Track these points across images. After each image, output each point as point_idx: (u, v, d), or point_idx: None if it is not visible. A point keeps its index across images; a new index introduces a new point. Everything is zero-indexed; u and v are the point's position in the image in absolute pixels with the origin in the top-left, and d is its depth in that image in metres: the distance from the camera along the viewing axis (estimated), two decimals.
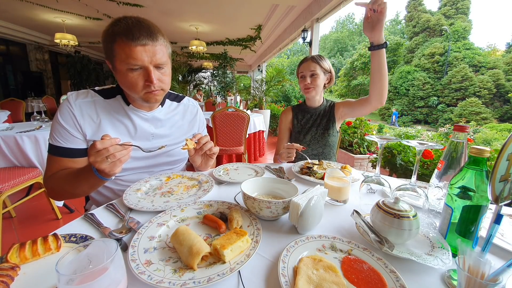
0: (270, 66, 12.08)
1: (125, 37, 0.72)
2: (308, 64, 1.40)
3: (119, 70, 0.78)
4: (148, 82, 0.78)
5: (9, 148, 1.88)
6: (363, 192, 0.81)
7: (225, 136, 2.97)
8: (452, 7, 22.94)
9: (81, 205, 1.13)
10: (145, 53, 0.74)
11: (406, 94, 22.30)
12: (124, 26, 0.73)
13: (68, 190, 0.80)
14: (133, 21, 0.75)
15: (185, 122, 1.07)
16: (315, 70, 1.39)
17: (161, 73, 0.82)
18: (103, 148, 0.65)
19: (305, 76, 1.41)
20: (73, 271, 0.37)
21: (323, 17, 4.50)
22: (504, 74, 18.92)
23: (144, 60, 0.75)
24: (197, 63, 10.55)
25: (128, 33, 0.72)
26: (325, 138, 1.44)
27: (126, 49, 0.73)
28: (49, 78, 8.87)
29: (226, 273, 0.45)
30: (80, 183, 0.76)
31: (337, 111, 1.45)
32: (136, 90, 0.80)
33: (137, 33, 0.73)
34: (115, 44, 0.74)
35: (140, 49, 0.73)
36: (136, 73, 0.77)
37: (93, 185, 0.77)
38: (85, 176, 0.74)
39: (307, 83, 1.40)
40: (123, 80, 0.79)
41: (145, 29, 0.74)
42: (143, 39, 0.73)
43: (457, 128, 0.68)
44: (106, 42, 0.76)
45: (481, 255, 0.39)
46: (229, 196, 0.82)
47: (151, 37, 0.75)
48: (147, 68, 0.77)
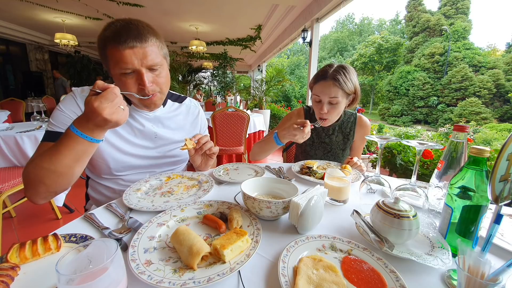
0: (270, 66, 12.08)
1: (113, 42, 0.71)
2: (328, 87, 1.04)
3: (114, 75, 0.77)
4: (141, 85, 0.76)
5: (9, 148, 1.88)
6: (363, 192, 0.81)
7: (225, 136, 2.97)
8: (452, 7, 22.93)
9: (81, 205, 1.13)
10: (135, 55, 0.72)
11: (406, 94, 22.30)
12: (113, 30, 0.72)
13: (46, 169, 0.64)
14: (122, 24, 0.73)
15: (187, 123, 1.07)
16: (337, 96, 1.05)
17: (156, 75, 0.79)
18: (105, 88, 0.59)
19: (322, 102, 1.08)
20: (73, 271, 0.37)
21: (323, 17, 4.50)
22: (504, 74, 18.91)
23: (134, 63, 0.72)
24: (197, 63, 10.54)
25: (116, 37, 0.70)
26: (339, 158, 1.25)
27: (116, 53, 0.71)
28: (49, 78, 8.87)
29: (226, 273, 0.45)
30: (61, 154, 0.63)
31: (356, 133, 1.23)
32: (130, 95, 0.78)
33: (124, 36, 0.70)
34: (106, 50, 0.73)
35: (129, 52, 0.71)
36: (129, 77, 0.75)
37: (80, 154, 0.64)
38: (68, 144, 0.62)
39: (324, 113, 1.09)
40: (119, 85, 0.77)
41: (133, 31, 0.72)
42: (131, 41, 0.71)
43: (457, 128, 0.68)
44: (100, 48, 0.76)
45: (481, 255, 0.39)
46: (229, 196, 0.82)
47: (139, 38, 0.72)
48: (139, 71, 0.74)
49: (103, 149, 0.86)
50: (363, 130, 1.25)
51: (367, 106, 32.29)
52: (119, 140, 0.89)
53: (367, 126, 1.26)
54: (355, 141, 1.28)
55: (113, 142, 0.88)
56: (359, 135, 1.26)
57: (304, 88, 28.79)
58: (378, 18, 62.44)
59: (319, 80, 1.09)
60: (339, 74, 1.05)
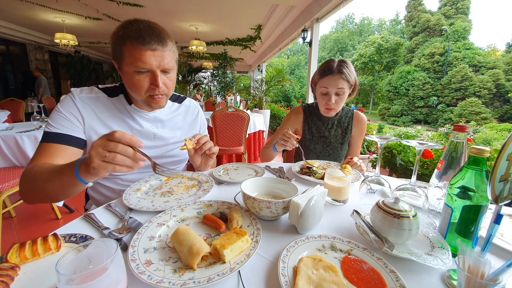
0: (270, 66, 12.08)
1: (135, 41, 0.73)
2: (336, 80, 1.14)
3: (126, 72, 0.79)
4: (154, 85, 0.79)
5: (9, 148, 1.88)
6: (363, 192, 0.81)
7: (225, 136, 2.97)
8: (452, 7, 22.93)
9: (81, 205, 1.13)
10: (154, 57, 0.76)
11: (406, 94, 22.30)
12: (135, 29, 0.75)
13: (37, 185, 0.68)
14: (145, 25, 0.76)
15: (187, 123, 1.08)
16: (343, 87, 1.15)
17: (167, 77, 0.83)
18: (115, 140, 0.55)
19: (330, 93, 1.17)
20: (73, 271, 0.37)
21: (323, 17, 4.50)
22: (504, 74, 18.90)
23: (153, 64, 0.76)
24: (197, 63, 10.54)
25: (139, 37, 0.73)
26: (337, 152, 1.31)
27: (135, 52, 0.74)
28: (49, 78, 8.86)
29: (226, 273, 0.45)
30: (53, 178, 0.65)
31: (354, 128, 1.32)
32: (140, 92, 0.81)
33: (148, 38, 0.74)
34: (124, 47, 0.75)
35: (149, 53, 0.75)
36: (143, 76, 0.78)
37: (65, 185, 0.64)
38: (61, 171, 0.63)
39: (332, 104, 1.18)
40: (129, 82, 0.80)
41: (156, 35, 0.76)
42: (154, 44, 0.75)
43: (457, 128, 0.68)
44: (116, 44, 0.77)
45: (481, 255, 0.39)
46: (229, 196, 0.82)
47: (161, 42, 0.76)
48: (154, 72, 0.78)
49: None
50: (360, 125, 1.34)
51: (367, 106, 32.30)
52: None
53: (364, 121, 1.35)
54: (353, 136, 1.36)
55: None
56: (356, 129, 1.34)
57: (304, 88, 28.79)
58: (378, 18, 62.53)
59: (326, 74, 1.17)
60: (344, 67, 1.16)
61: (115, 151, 0.55)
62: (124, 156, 0.56)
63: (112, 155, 0.54)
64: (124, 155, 0.56)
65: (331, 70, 1.16)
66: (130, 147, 0.56)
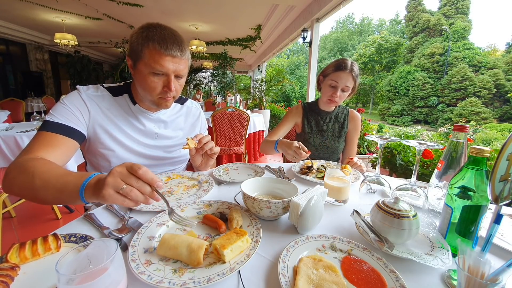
0: (270, 66, 12.08)
1: (158, 45, 0.77)
2: (347, 77, 1.25)
3: (141, 71, 0.81)
4: (167, 88, 0.83)
5: (9, 148, 1.88)
6: (363, 192, 0.81)
7: (225, 136, 2.97)
8: (452, 7, 22.91)
9: (81, 205, 1.13)
10: (172, 63, 0.80)
11: (406, 94, 22.29)
12: (159, 34, 0.79)
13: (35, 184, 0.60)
14: (168, 32, 0.81)
15: (188, 124, 1.10)
16: (349, 86, 1.27)
17: (178, 82, 0.87)
18: (137, 176, 0.51)
19: (338, 87, 1.27)
20: (73, 271, 0.37)
21: (323, 17, 4.50)
22: (504, 74, 18.89)
23: (169, 69, 0.80)
24: (197, 63, 10.54)
25: (162, 42, 0.78)
26: (335, 145, 1.40)
27: (156, 55, 0.78)
28: (49, 78, 8.86)
29: (226, 273, 0.45)
30: (53, 185, 0.59)
31: (349, 124, 1.42)
32: (152, 93, 0.83)
33: (170, 45, 0.78)
34: (145, 48, 0.78)
35: (169, 59, 0.79)
36: (157, 78, 0.81)
37: (63, 196, 0.59)
38: (65, 183, 0.58)
39: (336, 97, 1.28)
40: (142, 81, 0.82)
41: (178, 43, 0.81)
42: (174, 51, 0.79)
43: (457, 128, 0.68)
44: (137, 43, 0.80)
45: (481, 255, 0.39)
46: (229, 196, 0.82)
47: (181, 51, 0.81)
48: (169, 76, 0.82)
49: (105, 142, 0.87)
50: (355, 121, 1.45)
51: (367, 106, 32.28)
52: (121, 134, 0.90)
53: (358, 118, 1.46)
54: (349, 131, 1.46)
55: (115, 135, 0.89)
56: (352, 125, 1.45)
57: (304, 88, 28.79)
58: (378, 18, 62.46)
59: (341, 69, 1.27)
60: (355, 67, 1.28)
61: (133, 185, 0.51)
62: (139, 193, 0.52)
63: (128, 189, 0.50)
64: (140, 192, 0.52)
65: (346, 66, 1.26)
66: (148, 185, 0.53)
